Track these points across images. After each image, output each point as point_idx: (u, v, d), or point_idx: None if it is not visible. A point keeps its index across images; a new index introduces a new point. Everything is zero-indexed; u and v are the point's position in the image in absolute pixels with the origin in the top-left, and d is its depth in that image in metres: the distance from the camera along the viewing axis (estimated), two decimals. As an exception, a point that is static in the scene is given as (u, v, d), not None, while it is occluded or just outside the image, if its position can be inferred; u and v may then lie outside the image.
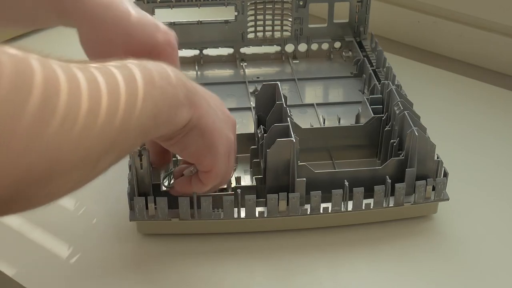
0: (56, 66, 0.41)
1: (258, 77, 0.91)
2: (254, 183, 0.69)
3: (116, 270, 0.64)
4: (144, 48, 0.62)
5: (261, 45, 0.95)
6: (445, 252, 0.66)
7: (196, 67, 0.93)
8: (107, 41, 0.62)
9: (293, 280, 0.63)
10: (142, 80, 0.48)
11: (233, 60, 0.95)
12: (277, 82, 0.73)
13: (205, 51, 0.94)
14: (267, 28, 0.94)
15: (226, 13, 0.93)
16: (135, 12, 0.63)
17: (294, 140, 0.64)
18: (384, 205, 0.66)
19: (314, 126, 0.79)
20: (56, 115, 0.39)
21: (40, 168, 0.39)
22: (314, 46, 0.95)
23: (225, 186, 0.67)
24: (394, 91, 0.72)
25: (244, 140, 0.74)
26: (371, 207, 0.66)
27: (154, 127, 0.50)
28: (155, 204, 0.64)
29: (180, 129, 0.55)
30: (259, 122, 0.73)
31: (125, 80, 0.46)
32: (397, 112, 0.70)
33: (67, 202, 0.71)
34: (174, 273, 0.64)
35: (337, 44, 0.96)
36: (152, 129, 0.50)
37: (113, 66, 0.47)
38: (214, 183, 0.62)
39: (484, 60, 0.97)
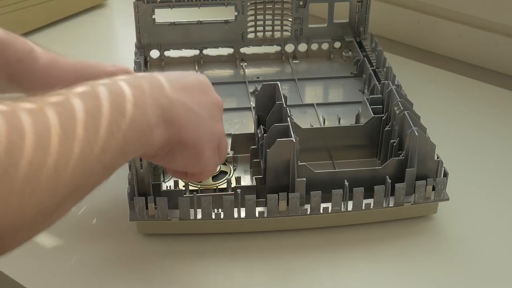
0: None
1: (258, 77, 0.91)
2: (254, 183, 0.69)
3: (116, 270, 0.64)
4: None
5: (261, 45, 0.95)
6: (445, 252, 0.66)
7: (196, 67, 0.93)
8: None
9: (293, 280, 0.63)
10: (107, 112, 0.45)
11: (233, 60, 0.95)
12: (277, 82, 0.73)
13: (205, 51, 0.94)
14: (267, 28, 0.94)
15: (226, 13, 0.93)
16: (78, 60, 0.64)
17: (294, 140, 0.64)
18: (384, 205, 0.66)
19: (314, 126, 0.79)
20: (16, 176, 0.37)
21: None
22: (314, 46, 0.95)
23: (225, 186, 0.67)
24: (394, 91, 0.72)
25: (244, 140, 0.75)
26: (371, 207, 0.66)
27: (123, 158, 0.48)
28: (155, 204, 0.64)
29: (159, 148, 0.53)
30: (259, 122, 0.73)
31: (85, 115, 0.43)
32: (397, 112, 0.70)
33: (67, 202, 0.71)
34: (174, 273, 0.64)
35: (337, 44, 0.96)
36: (119, 160, 0.47)
37: (75, 97, 0.44)
38: (208, 176, 0.63)
39: (484, 60, 0.97)
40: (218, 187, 0.69)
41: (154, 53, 0.93)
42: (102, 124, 0.44)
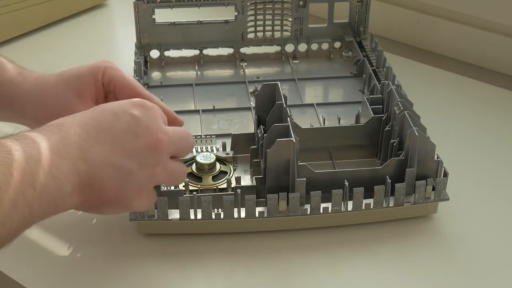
0: None
1: (258, 77, 0.91)
2: (254, 183, 0.69)
3: (116, 270, 0.64)
4: (88, 80, 0.63)
5: (261, 45, 0.95)
6: (445, 252, 0.66)
7: (196, 67, 0.93)
8: (54, 99, 0.63)
9: (293, 280, 0.63)
10: (17, 183, 0.44)
11: (233, 60, 0.95)
12: (277, 82, 0.73)
13: (205, 51, 0.94)
14: (267, 28, 0.94)
15: (226, 13, 0.93)
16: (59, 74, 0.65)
17: (294, 140, 0.64)
18: (384, 205, 0.66)
19: (314, 126, 0.79)
20: None
21: None
22: (314, 46, 0.95)
23: (225, 186, 0.67)
24: (394, 91, 0.72)
25: (244, 140, 0.75)
26: (371, 207, 0.66)
27: (24, 226, 0.46)
28: (155, 204, 0.64)
29: (74, 208, 0.51)
30: (259, 122, 0.73)
31: None
32: (397, 112, 0.70)
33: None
34: (174, 273, 0.64)
35: (337, 44, 0.96)
36: (19, 229, 0.46)
37: None
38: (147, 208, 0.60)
39: (484, 60, 0.97)
40: (218, 187, 0.69)
41: (154, 53, 0.93)
42: (7, 196, 0.43)
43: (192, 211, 0.65)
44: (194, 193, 0.67)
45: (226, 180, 0.69)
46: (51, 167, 0.47)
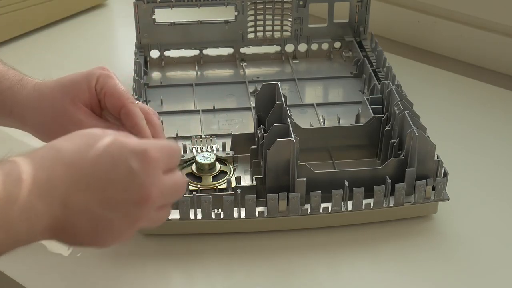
0: None
1: (258, 77, 0.91)
2: (254, 183, 0.69)
3: (116, 270, 0.64)
4: (82, 87, 0.63)
5: (261, 45, 0.95)
6: (445, 252, 0.66)
7: (196, 67, 0.93)
8: (51, 106, 0.63)
9: (293, 280, 0.63)
10: None
11: (233, 60, 0.95)
12: (277, 82, 0.74)
13: (205, 51, 0.94)
14: (267, 28, 0.94)
15: (226, 13, 0.93)
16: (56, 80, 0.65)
17: (294, 140, 0.64)
18: (384, 205, 0.66)
19: (314, 126, 0.79)
20: None
21: None
22: (314, 46, 0.95)
23: (225, 186, 0.67)
24: (394, 91, 0.72)
25: (244, 140, 0.75)
26: (371, 207, 0.66)
27: None
28: (155, 204, 0.64)
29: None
30: (259, 122, 0.73)
31: None
32: (397, 112, 0.70)
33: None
34: (174, 273, 0.64)
35: (337, 44, 0.96)
36: None
37: None
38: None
39: (484, 60, 0.97)
40: (218, 187, 0.69)
41: (154, 53, 0.93)
42: None
43: (192, 211, 0.65)
44: (194, 193, 0.67)
45: (226, 180, 0.69)
46: (27, 209, 0.46)
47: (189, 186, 0.69)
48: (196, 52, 0.94)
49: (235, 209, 0.65)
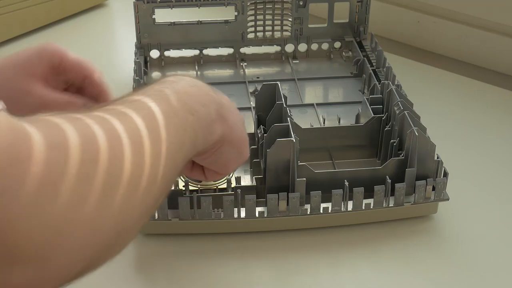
0: (98, 133, 0.39)
1: (258, 77, 0.91)
2: (254, 183, 0.69)
3: (116, 270, 0.64)
4: (35, 62, 0.62)
5: (261, 45, 0.95)
6: (445, 252, 0.66)
7: (196, 67, 0.93)
8: (6, 82, 0.62)
9: (293, 280, 0.63)
10: (180, 111, 0.48)
11: (233, 60, 0.95)
12: (277, 82, 0.74)
13: (205, 51, 0.94)
14: (267, 28, 0.94)
15: (226, 13, 0.93)
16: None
17: (294, 140, 0.64)
18: (384, 205, 0.66)
19: (314, 126, 0.79)
20: (120, 184, 0.39)
21: (111, 235, 0.39)
22: (314, 46, 0.95)
23: (225, 186, 0.67)
24: (394, 91, 0.72)
25: (244, 140, 0.75)
26: (371, 207, 0.66)
27: (192, 151, 0.51)
28: (155, 204, 0.64)
29: (215, 143, 0.55)
30: (259, 122, 0.73)
31: (163, 117, 0.45)
32: (397, 112, 0.70)
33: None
34: (174, 273, 0.64)
35: (337, 44, 0.96)
36: (190, 153, 0.50)
37: (150, 102, 0.46)
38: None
39: (484, 60, 0.97)
40: (218, 187, 0.69)
41: (154, 53, 0.93)
42: (177, 123, 0.47)
43: (192, 211, 0.65)
44: (194, 193, 0.67)
45: (226, 180, 0.69)
46: (199, 98, 0.52)
47: (189, 186, 0.69)
48: (196, 52, 0.94)
49: (235, 209, 0.65)
